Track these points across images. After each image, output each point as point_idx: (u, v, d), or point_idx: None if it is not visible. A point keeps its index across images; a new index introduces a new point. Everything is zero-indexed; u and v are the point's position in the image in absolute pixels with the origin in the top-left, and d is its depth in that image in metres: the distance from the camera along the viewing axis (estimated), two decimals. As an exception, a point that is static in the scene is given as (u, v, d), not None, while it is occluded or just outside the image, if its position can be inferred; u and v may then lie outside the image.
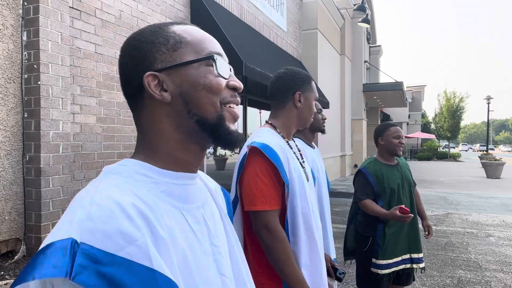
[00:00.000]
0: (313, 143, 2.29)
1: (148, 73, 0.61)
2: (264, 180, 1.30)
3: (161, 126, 0.63)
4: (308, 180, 1.46)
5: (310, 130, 2.25)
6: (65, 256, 0.44)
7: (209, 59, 0.63)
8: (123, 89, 0.65)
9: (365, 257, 2.50)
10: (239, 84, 0.67)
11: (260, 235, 1.29)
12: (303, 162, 1.53)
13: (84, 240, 0.45)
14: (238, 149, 0.71)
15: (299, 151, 1.57)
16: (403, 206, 2.20)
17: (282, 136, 1.45)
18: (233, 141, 0.64)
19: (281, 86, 1.50)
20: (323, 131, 2.29)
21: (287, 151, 1.38)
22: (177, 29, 0.64)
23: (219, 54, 0.65)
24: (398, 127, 2.54)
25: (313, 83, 1.56)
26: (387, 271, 2.42)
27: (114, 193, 0.51)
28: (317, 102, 2.29)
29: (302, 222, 1.35)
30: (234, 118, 0.66)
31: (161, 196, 0.58)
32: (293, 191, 1.34)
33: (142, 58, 0.62)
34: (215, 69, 0.63)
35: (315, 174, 2.02)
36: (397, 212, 2.21)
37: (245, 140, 1.35)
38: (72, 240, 0.45)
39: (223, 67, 0.65)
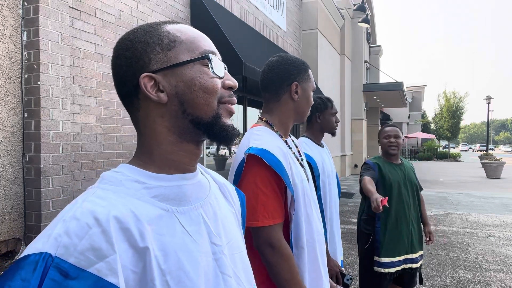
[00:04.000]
0: (322, 142, 2.22)
1: (144, 74, 0.60)
2: (265, 191, 1.17)
3: (155, 127, 0.62)
4: (308, 180, 1.36)
5: (321, 131, 2.18)
6: (35, 270, 0.46)
7: (205, 58, 0.62)
8: (117, 90, 0.64)
9: (366, 255, 2.53)
10: (234, 83, 0.66)
11: (263, 253, 1.16)
12: (302, 160, 1.41)
13: (59, 255, 0.47)
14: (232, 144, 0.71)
15: (297, 147, 1.45)
16: (386, 198, 1.94)
17: (279, 135, 1.32)
18: (228, 136, 0.64)
19: (274, 77, 1.34)
20: (334, 134, 2.23)
21: (288, 155, 1.26)
22: (170, 28, 0.63)
23: (213, 52, 0.64)
24: (394, 128, 2.61)
25: (310, 71, 1.41)
26: (390, 270, 2.43)
27: (97, 206, 0.53)
28: (334, 105, 2.24)
29: (305, 232, 1.24)
30: (230, 114, 0.66)
31: (152, 201, 0.58)
32: (297, 200, 1.22)
33: (137, 59, 0.60)
34: (210, 69, 0.62)
35: (319, 174, 1.96)
36: (378, 198, 1.98)
37: (242, 135, 1.24)
38: (46, 254, 0.47)
39: (218, 66, 0.64)
